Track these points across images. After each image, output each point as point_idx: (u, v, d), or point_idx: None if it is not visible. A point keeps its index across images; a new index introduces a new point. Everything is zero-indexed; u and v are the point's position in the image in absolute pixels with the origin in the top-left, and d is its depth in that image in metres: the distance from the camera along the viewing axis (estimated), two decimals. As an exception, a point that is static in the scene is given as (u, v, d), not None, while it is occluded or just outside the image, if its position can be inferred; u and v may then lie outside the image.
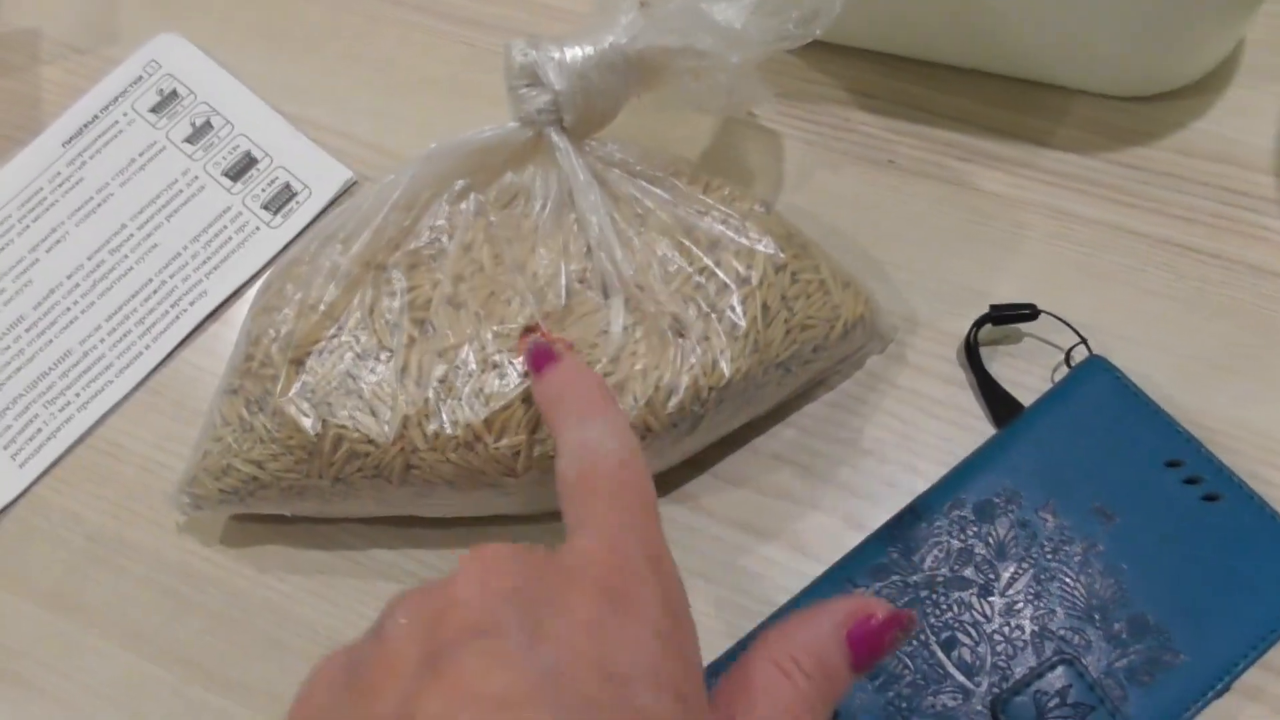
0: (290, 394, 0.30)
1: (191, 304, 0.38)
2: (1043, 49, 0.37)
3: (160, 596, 0.34)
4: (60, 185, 0.40)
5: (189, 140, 0.40)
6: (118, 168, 0.40)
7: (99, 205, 0.39)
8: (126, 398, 0.37)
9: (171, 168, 0.40)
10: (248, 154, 0.39)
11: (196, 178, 0.39)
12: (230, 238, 0.39)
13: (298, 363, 0.30)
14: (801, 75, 0.39)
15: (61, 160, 0.40)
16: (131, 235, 0.39)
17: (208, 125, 0.40)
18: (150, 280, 0.38)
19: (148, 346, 0.37)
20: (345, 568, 0.33)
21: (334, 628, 0.33)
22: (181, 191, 0.39)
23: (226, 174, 0.39)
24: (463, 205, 0.32)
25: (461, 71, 0.41)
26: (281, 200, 0.38)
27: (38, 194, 0.40)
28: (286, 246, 0.38)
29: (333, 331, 0.31)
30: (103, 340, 0.37)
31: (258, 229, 0.38)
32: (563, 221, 0.32)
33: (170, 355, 0.37)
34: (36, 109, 0.42)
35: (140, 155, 0.40)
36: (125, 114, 0.40)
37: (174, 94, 0.40)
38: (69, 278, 0.38)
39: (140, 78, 0.41)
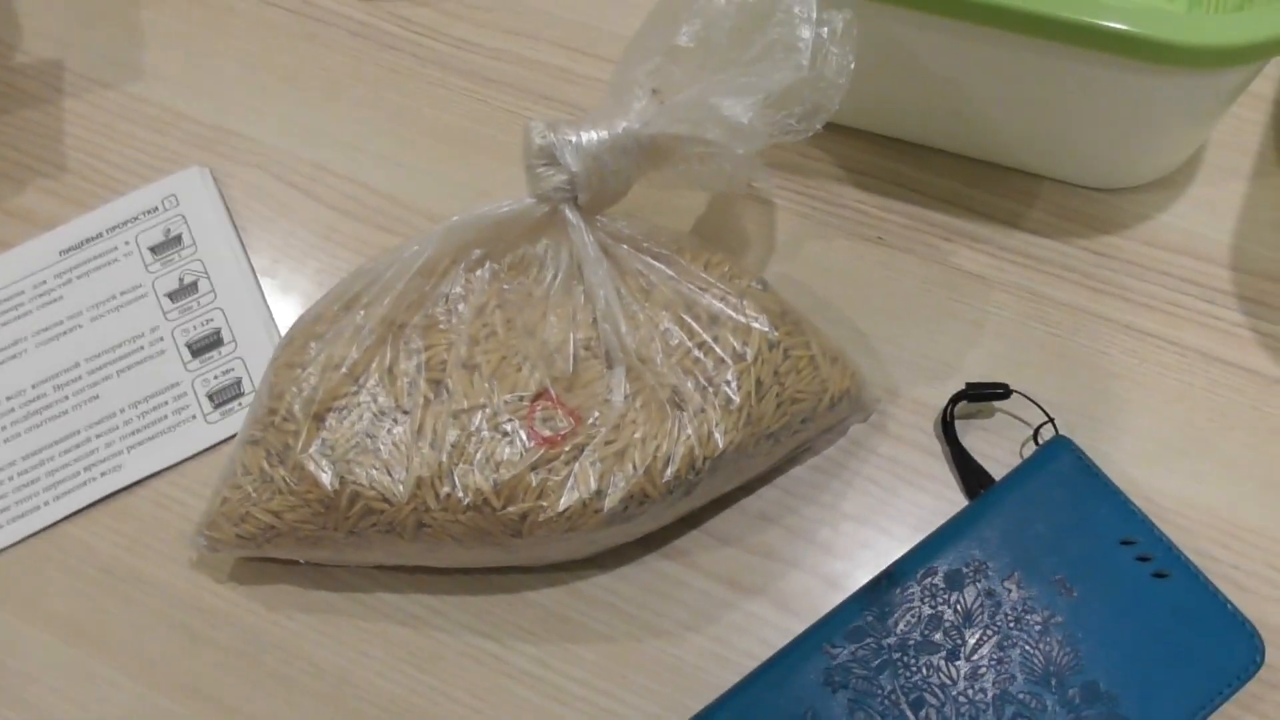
0: (310, 450, 0.32)
1: (103, 474, 0.37)
2: (1022, 142, 0.39)
3: (172, 630, 0.35)
4: (41, 295, 0.39)
5: (171, 296, 0.39)
6: (97, 299, 0.39)
7: (65, 333, 0.39)
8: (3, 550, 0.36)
9: (144, 319, 0.39)
10: (217, 332, 0.38)
11: (162, 339, 0.38)
12: (166, 416, 0.38)
13: (318, 419, 0.32)
14: (798, 151, 0.42)
15: (52, 270, 0.40)
16: (80, 377, 0.38)
17: (194, 286, 0.39)
18: (78, 432, 0.37)
19: (46, 503, 0.37)
20: (352, 609, 0.35)
21: (341, 666, 0.34)
22: (143, 349, 0.38)
23: (190, 346, 0.38)
24: (478, 272, 0.34)
25: (476, 127, 0.43)
26: (228, 395, 0.37)
27: (17, 295, 0.39)
28: (213, 447, 0.37)
29: (352, 390, 0.33)
30: (10, 479, 0.37)
31: (194, 418, 0.37)
32: (572, 291, 0.34)
33: (57, 523, 0.36)
34: (59, 142, 0.43)
35: (122, 294, 0.39)
36: (127, 243, 0.40)
37: (178, 239, 0.40)
38: (8, 399, 0.38)
39: (155, 209, 0.40)
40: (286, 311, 0.40)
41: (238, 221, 0.42)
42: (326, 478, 0.32)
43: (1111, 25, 0.32)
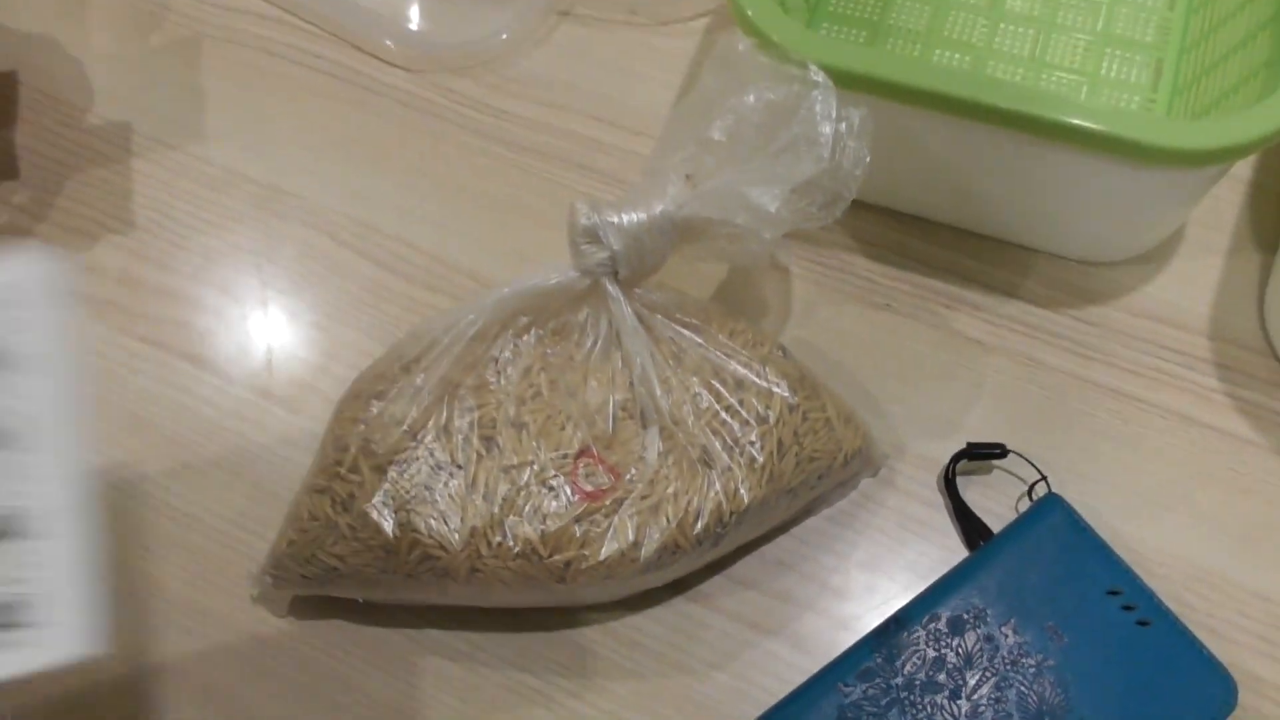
0: (374, 500, 0.35)
1: None
2: (1018, 220, 0.43)
3: (233, 660, 0.38)
4: None
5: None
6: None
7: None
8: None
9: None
10: (14, 517, 0.23)
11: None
12: None
13: (380, 471, 0.35)
14: (813, 221, 0.45)
15: None
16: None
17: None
18: None
19: None
20: (403, 644, 0.38)
21: (391, 699, 0.37)
22: None
23: None
24: (525, 337, 0.38)
25: (514, 192, 0.47)
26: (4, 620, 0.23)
27: None
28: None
29: (412, 445, 0.36)
30: None
31: None
32: (610, 357, 0.37)
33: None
34: (128, 200, 0.47)
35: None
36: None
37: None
38: None
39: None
40: (340, 365, 0.43)
41: (293, 278, 0.45)
42: (388, 526, 0.35)
43: (1096, 127, 0.35)
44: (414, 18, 0.51)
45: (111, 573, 0.39)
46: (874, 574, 0.39)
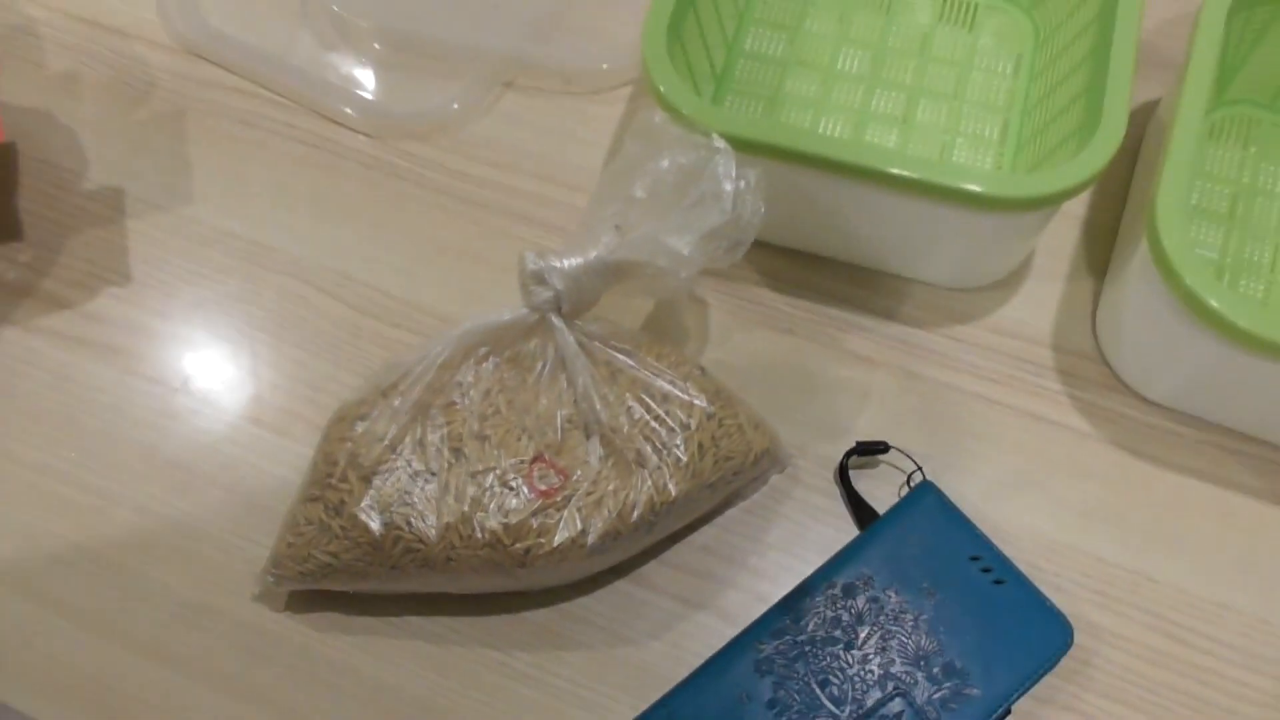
0: (362, 504, 0.42)
1: None
2: (895, 255, 0.51)
3: (240, 651, 0.44)
4: None
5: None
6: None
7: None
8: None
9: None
10: None
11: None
12: None
13: (367, 480, 0.42)
14: (726, 260, 0.53)
15: None
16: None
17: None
18: None
19: None
20: (387, 630, 0.45)
21: (378, 675, 0.44)
22: None
23: None
24: (485, 364, 0.45)
25: (469, 242, 0.54)
26: None
27: None
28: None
29: (392, 457, 0.42)
30: None
31: None
32: (557, 378, 0.45)
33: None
34: (125, 255, 0.53)
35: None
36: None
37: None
38: None
39: None
40: (321, 394, 0.49)
41: (276, 321, 0.52)
42: (375, 525, 0.41)
43: (947, 183, 0.44)
44: (374, 90, 0.58)
45: (126, 579, 0.45)
46: (784, 554, 0.47)
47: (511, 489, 0.42)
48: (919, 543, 0.45)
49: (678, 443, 0.44)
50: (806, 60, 0.58)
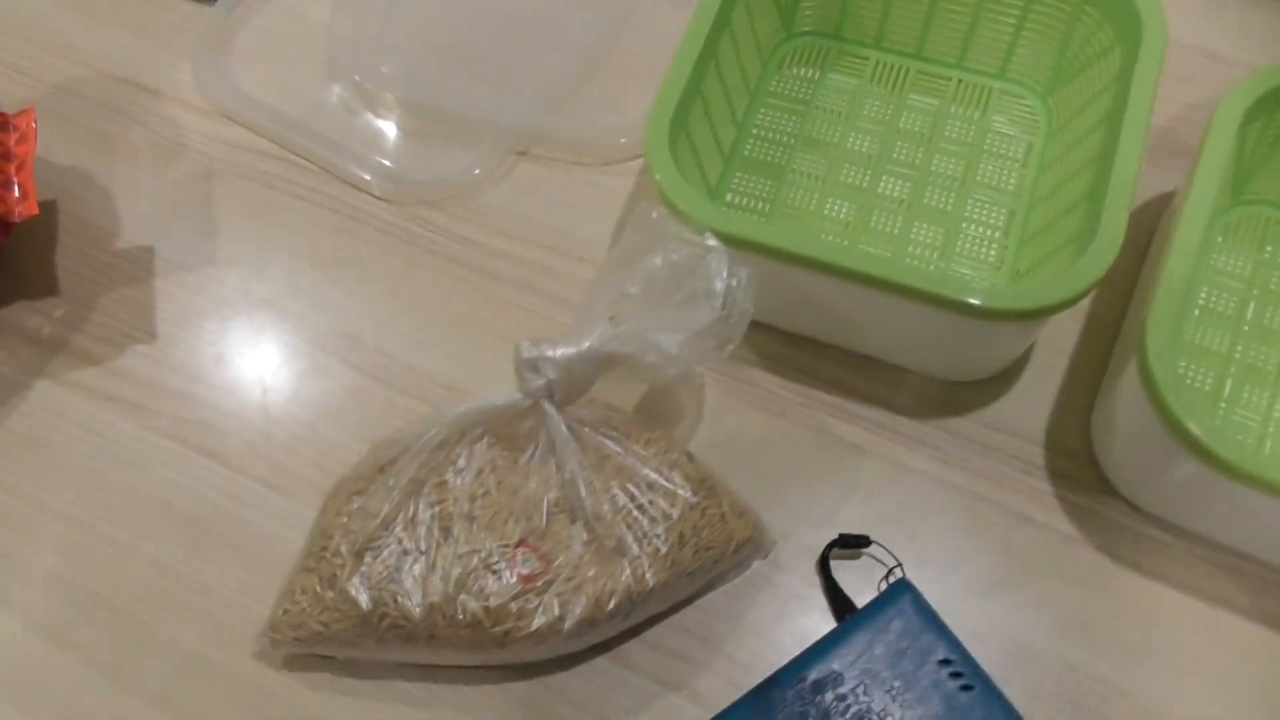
0: (353, 580, 0.44)
1: None
2: (890, 346, 0.52)
3: (239, 705, 0.47)
4: None
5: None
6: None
7: None
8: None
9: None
10: None
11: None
12: None
13: (359, 556, 0.44)
14: (724, 339, 0.54)
15: None
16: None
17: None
18: None
19: None
20: (375, 692, 0.47)
21: (364, 738, 0.46)
22: None
23: None
24: (479, 445, 0.47)
25: (475, 311, 0.56)
26: None
27: None
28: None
29: (384, 534, 0.44)
30: None
31: None
32: (547, 462, 0.46)
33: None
34: (152, 314, 0.55)
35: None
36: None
37: None
38: None
39: None
40: (328, 460, 0.52)
41: (290, 384, 0.54)
42: (364, 601, 0.43)
43: (937, 292, 0.44)
44: (393, 156, 0.60)
45: (138, 630, 0.48)
46: (760, 640, 0.48)
47: (494, 573, 0.44)
48: (891, 643, 0.46)
49: (659, 532, 0.45)
50: (816, 139, 0.59)
